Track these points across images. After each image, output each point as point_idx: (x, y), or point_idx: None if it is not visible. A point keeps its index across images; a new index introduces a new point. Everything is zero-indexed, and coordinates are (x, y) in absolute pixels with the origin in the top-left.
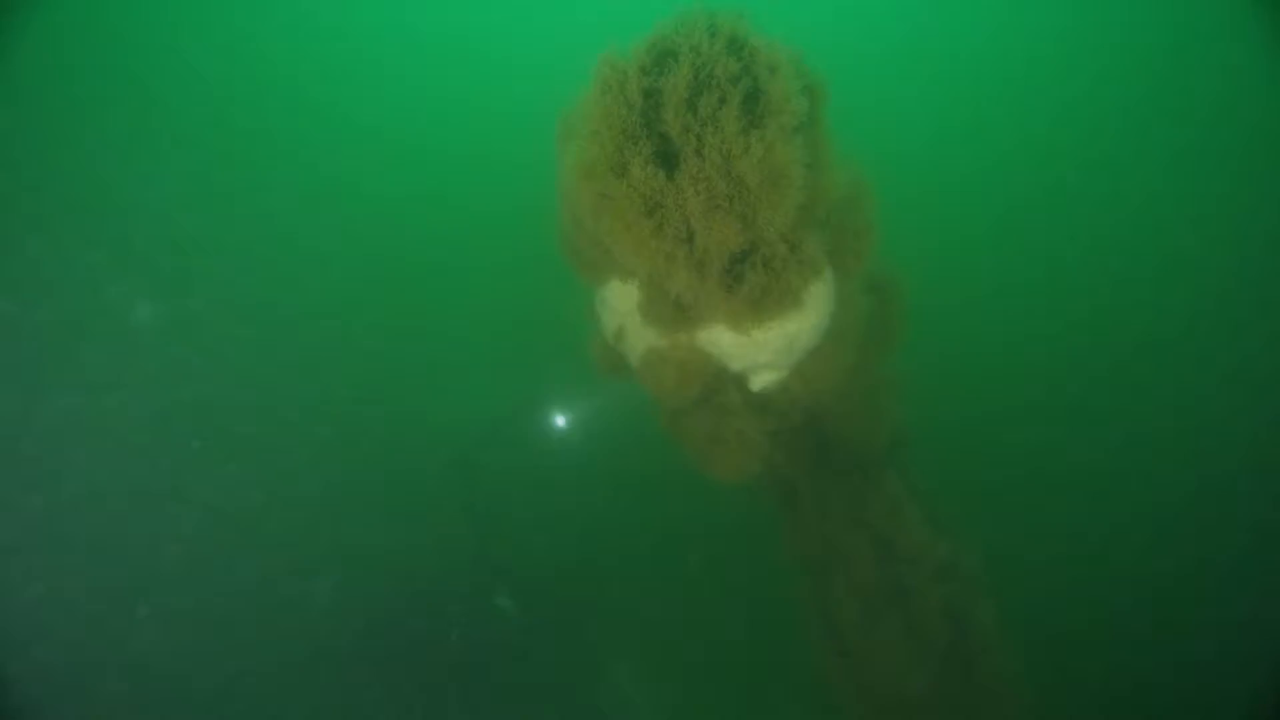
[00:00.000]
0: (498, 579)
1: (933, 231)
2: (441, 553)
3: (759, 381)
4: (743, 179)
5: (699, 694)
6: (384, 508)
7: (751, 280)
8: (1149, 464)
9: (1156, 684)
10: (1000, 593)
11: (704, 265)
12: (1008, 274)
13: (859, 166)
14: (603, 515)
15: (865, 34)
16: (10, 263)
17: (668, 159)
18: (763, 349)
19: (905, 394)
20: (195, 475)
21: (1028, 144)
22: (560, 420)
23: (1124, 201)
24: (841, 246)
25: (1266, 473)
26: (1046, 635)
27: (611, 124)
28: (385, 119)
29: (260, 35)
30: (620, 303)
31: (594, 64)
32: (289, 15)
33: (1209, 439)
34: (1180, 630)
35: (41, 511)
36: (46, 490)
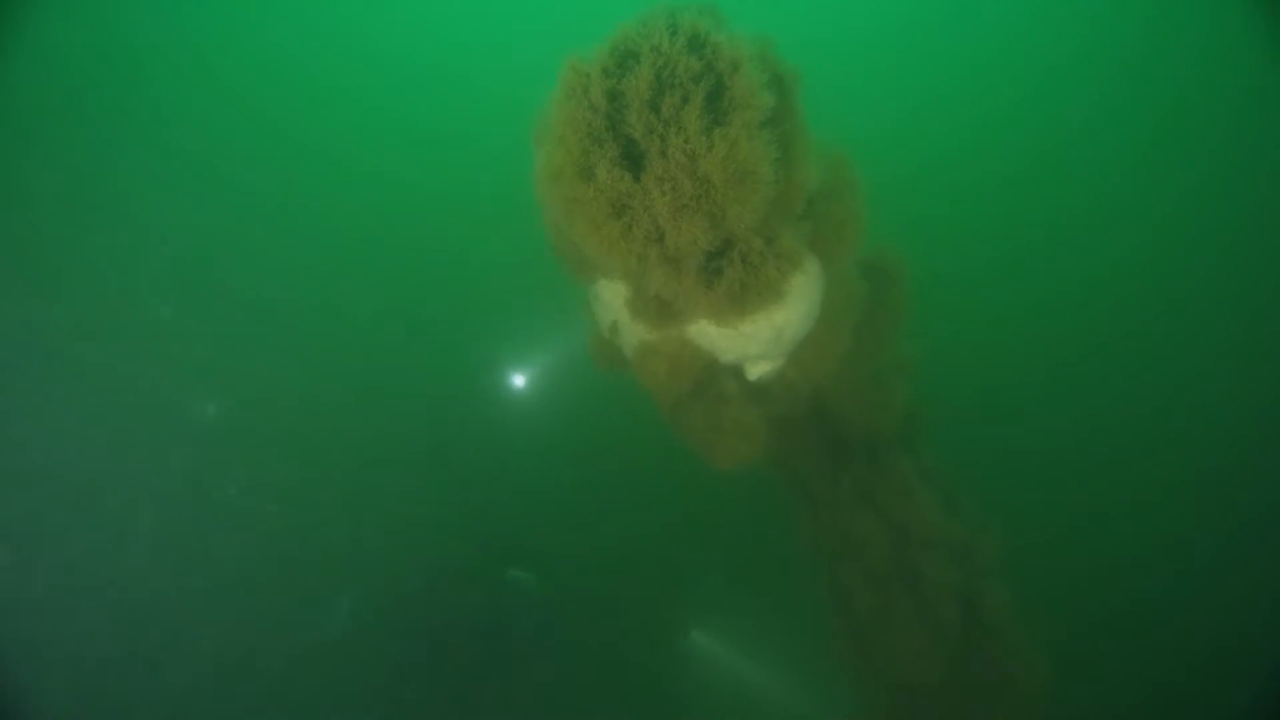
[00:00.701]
0: (507, 558)
1: (947, 211)
2: (448, 539)
3: (756, 371)
4: (708, 178)
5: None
6: (390, 503)
7: (730, 275)
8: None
9: (1171, 667)
10: (1015, 574)
11: (679, 263)
12: (1022, 254)
13: (842, 155)
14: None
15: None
16: (18, 263)
17: (635, 160)
18: (751, 341)
19: (917, 376)
20: (200, 472)
21: (1041, 117)
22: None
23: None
24: (825, 237)
25: None
26: (1065, 617)
27: (576, 128)
28: (399, 104)
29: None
30: (612, 298)
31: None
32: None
33: (1227, 413)
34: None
35: (45, 510)
36: (49, 488)
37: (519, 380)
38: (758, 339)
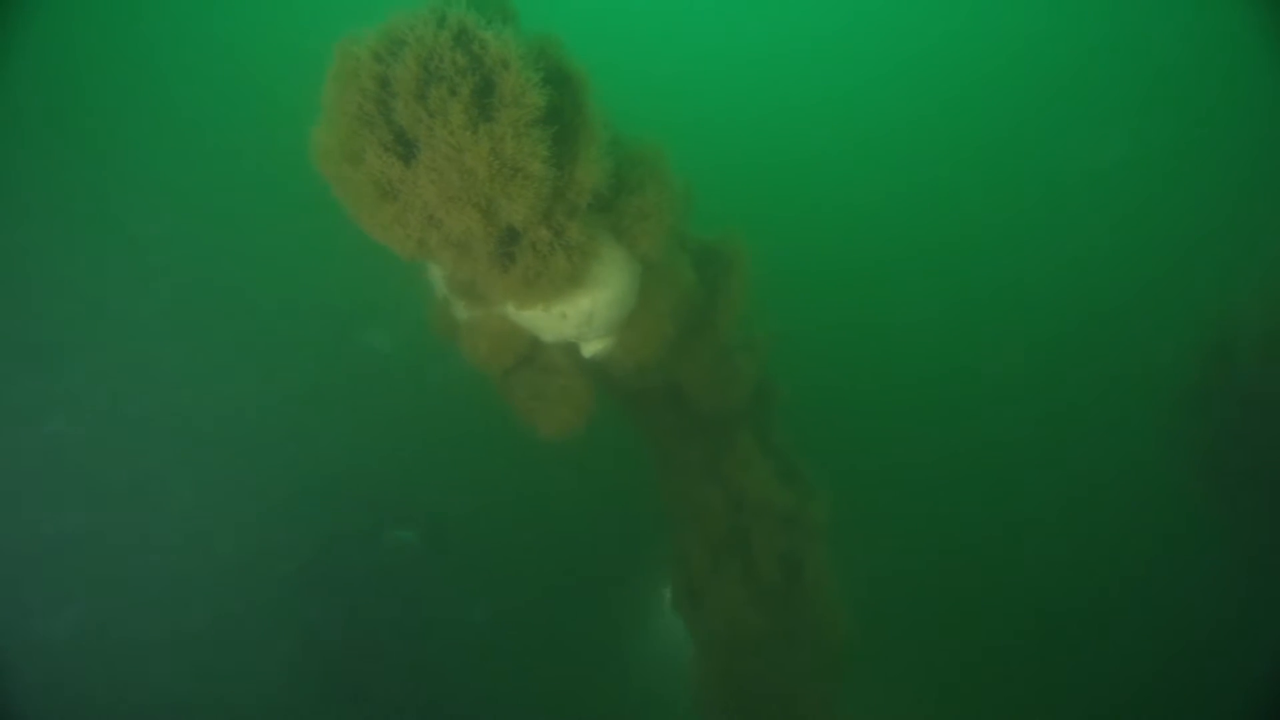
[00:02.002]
0: (397, 516)
1: (827, 197)
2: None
3: (589, 349)
4: (474, 171)
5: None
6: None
7: (522, 263)
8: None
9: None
10: (839, 538)
11: (468, 248)
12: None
13: (651, 150)
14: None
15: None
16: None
17: (410, 145)
18: (564, 323)
19: (772, 355)
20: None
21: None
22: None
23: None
24: (628, 229)
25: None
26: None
27: (345, 110)
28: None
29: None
30: (437, 274)
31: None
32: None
33: (1056, 399)
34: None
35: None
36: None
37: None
38: (570, 321)
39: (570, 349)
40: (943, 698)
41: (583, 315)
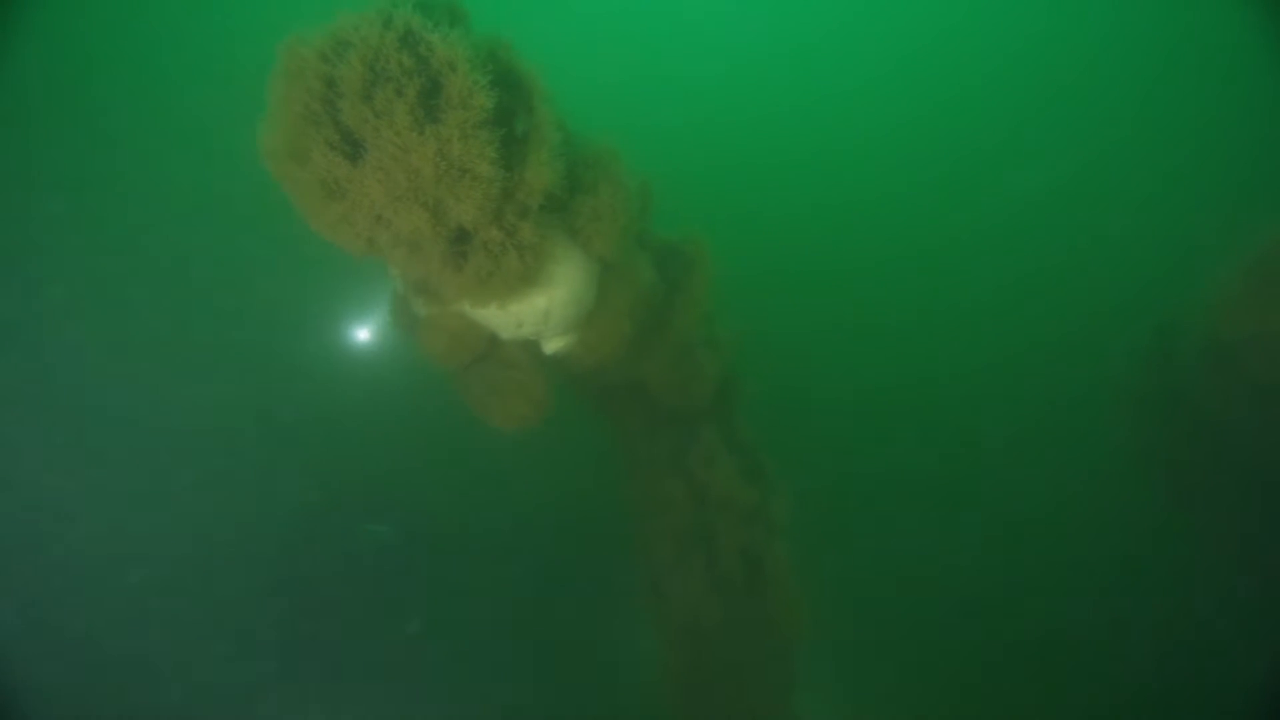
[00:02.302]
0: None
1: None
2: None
3: (550, 347)
4: (420, 172)
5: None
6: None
7: (474, 262)
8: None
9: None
10: (800, 534)
11: (418, 247)
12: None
13: (607, 152)
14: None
15: None
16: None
17: (357, 145)
18: (520, 321)
19: (737, 353)
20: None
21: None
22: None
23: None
24: (582, 229)
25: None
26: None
27: (291, 109)
28: None
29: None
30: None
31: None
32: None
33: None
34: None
35: None
36: None
37: (362, 335)
38: (527, 319)
39: (530, 346)
40: (897, 696)
41: (539, 314)
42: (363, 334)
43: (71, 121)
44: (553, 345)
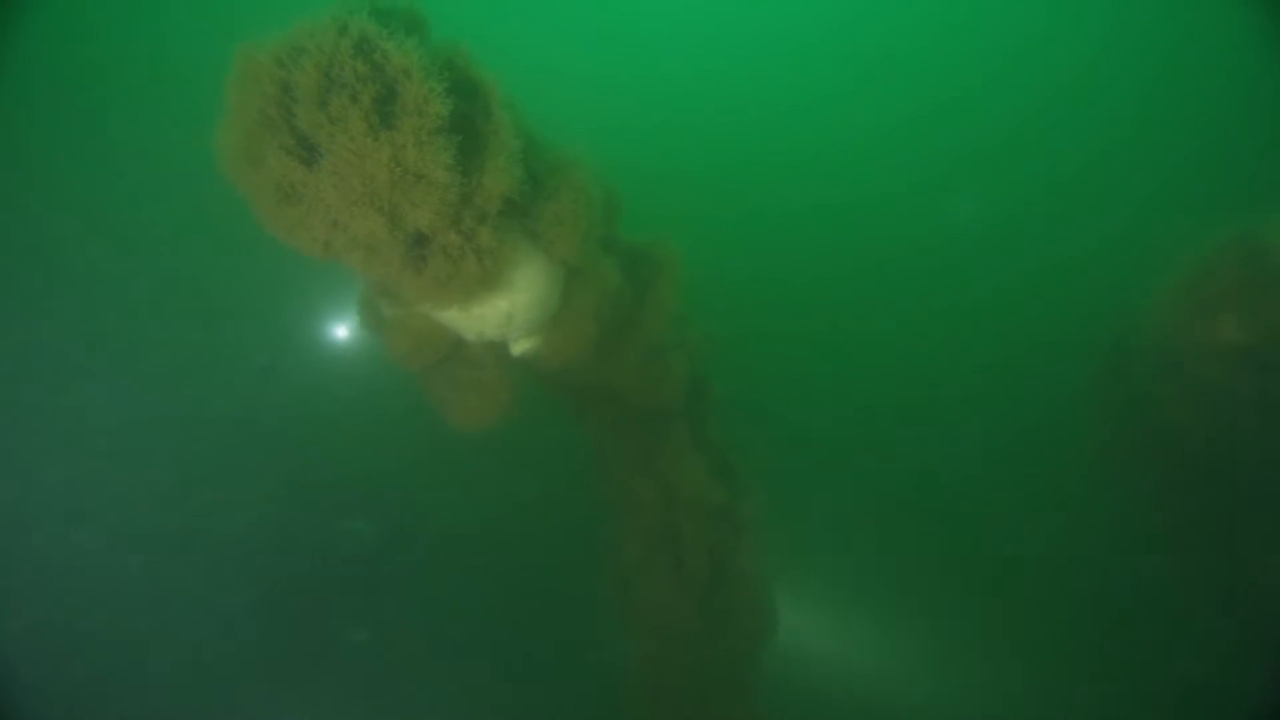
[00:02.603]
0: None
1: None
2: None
3: (518, 348)
4: (375, 177)
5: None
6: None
7: (434, 265)
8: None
9: None
10: (769, 533)
11: (375, 251)
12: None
13: (570, 157)
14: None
15: None
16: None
17: (313, 150)
18: (484, 323)
19: (709, 355)
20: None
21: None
22: None
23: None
24: (542, 234)
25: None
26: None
27: (246, 113)
28: None
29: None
30: None
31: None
32: None
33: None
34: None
35: None
36: None
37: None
38: (489, 322)
39: (497, 347)
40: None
41: (501, 316)
42: (340, 331)
43: (71, 121)
44: (519, 347)
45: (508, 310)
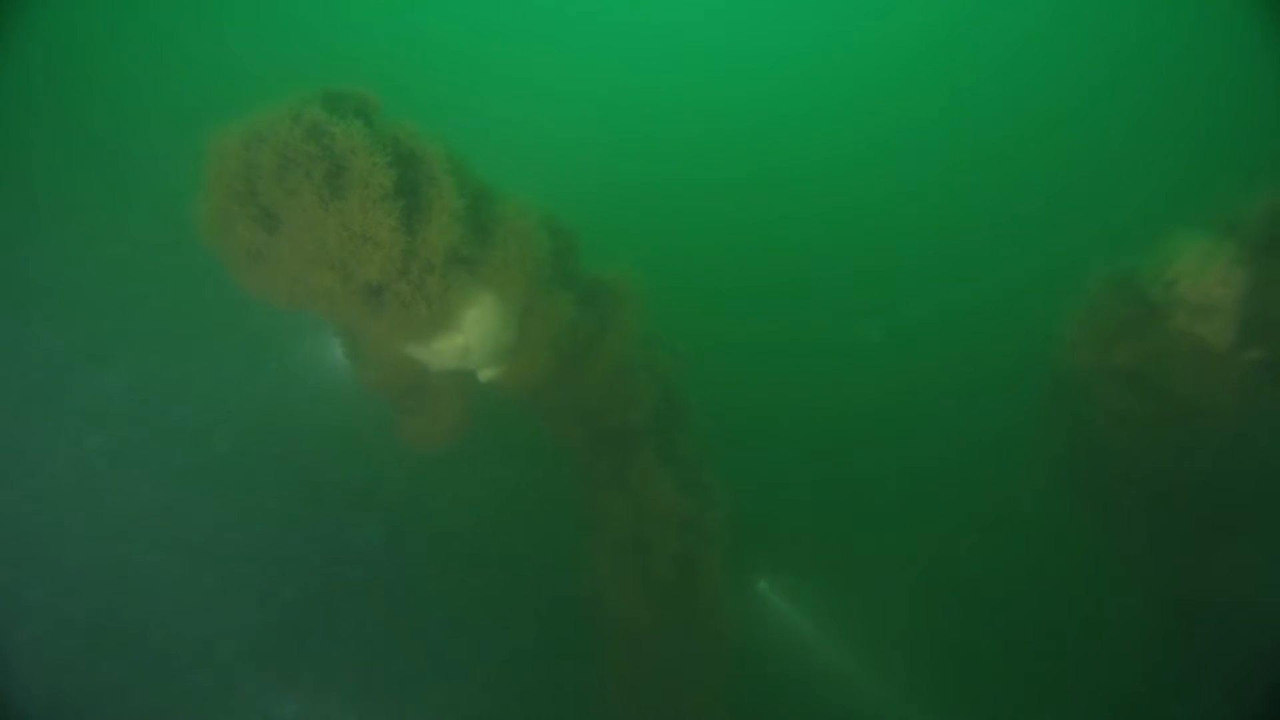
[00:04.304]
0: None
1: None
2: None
3: (484, 376)
4: (325, 240)
5: None
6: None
7: (389, 312)
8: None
9: None
10: (737, 542)
11: (334, 301)
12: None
13: (515, 208)
14: None
15: None
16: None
17: (275, 218)
18: (444, 357)
19: (679, 374)
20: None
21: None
22: None
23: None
24: (490, 278)
25: None
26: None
27: (219, 187)
28: None
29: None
30: None
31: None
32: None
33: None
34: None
35: None
36: None
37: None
38: (448, 356)
39: (465, 375)
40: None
41: (458, 350)
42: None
43: (71, 121)
44: (484, 375)
45: (464, 345)
